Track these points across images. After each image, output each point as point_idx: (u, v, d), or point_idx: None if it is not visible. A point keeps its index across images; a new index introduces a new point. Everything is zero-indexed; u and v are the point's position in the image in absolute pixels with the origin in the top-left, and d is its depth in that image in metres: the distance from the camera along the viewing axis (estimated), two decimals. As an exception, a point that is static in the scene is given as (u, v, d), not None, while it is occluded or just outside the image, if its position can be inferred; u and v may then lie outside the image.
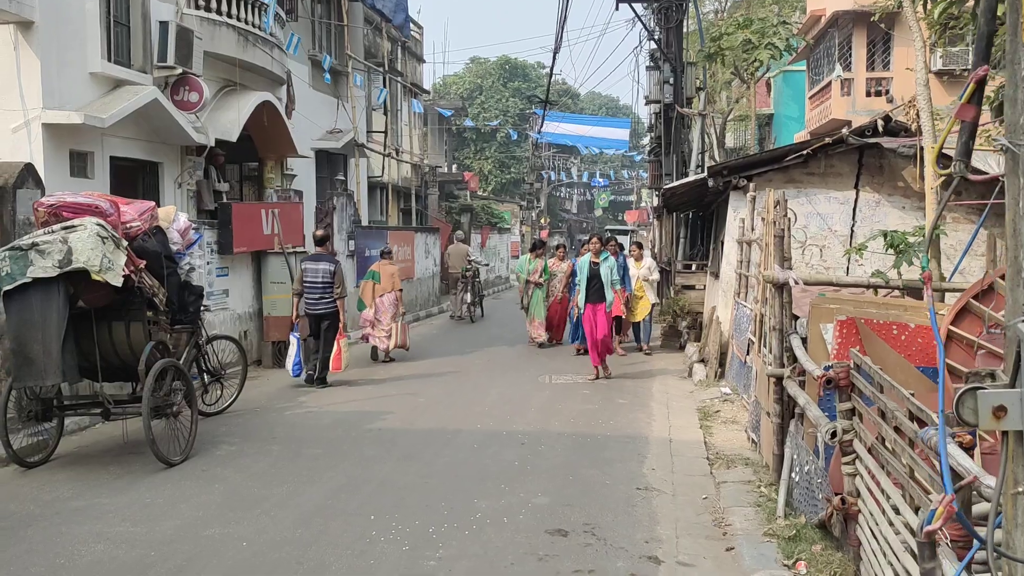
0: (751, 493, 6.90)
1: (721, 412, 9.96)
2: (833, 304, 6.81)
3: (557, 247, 17.85)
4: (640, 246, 16.29)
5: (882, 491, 4.59)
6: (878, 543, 4.66)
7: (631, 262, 15.34)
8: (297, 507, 6.71)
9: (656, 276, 15.76)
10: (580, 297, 12.76)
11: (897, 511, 4.42)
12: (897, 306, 6.88)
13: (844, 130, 12.51)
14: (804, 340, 6.87)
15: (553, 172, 54.93)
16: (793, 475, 6.52)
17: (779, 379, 6.98)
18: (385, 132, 24.80)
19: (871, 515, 4.78)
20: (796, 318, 7.31)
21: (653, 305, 15.40)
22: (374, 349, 14.41)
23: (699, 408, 10.20)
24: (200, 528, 6.26)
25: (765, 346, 8.41)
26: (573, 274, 15.18)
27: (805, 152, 11.86)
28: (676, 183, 15.87)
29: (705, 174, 14.16)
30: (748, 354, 9.94)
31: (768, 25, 18.17)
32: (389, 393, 11.39)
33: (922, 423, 4.05)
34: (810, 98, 27.83)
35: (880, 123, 10.76)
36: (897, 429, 4.30)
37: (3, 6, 9.92)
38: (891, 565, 4.38)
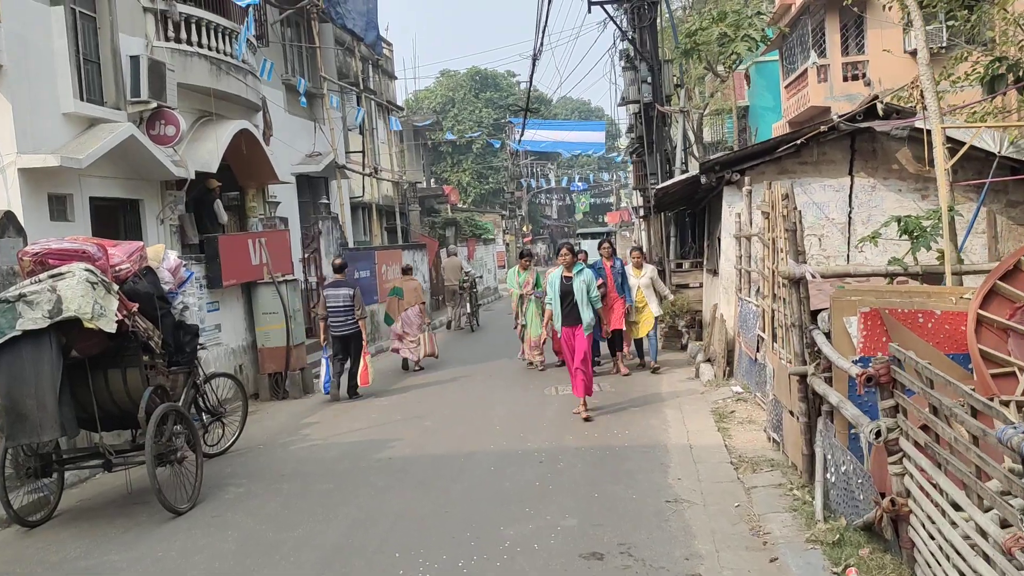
0: (784, 497, 6.69)
1: (736, 412, 9.76)
2: (855, 296, 6.62)
3: (521, 256, 15.75)
4: (641, 251, 14.39)
5: (940, 491, 4.38)
6: (938, 545, 4.45)
7: (630, 270, 13.49)
8: (316, 549, 6.44)
9: (665, 291, 13.97)
10: (555, 320, 10.54)
11: (957, 507, 4.22)
12: (920, 293, 6.70)
13: (834, 116, 12.38)
14: (827, 335, 6.68)
15: (532, 179, 54.81)
16: (828, 476, 6.31)
17: (802, 377, 6.78)
18: (363, 152, 24.56)
19: (928, 517, 4.58)
20: (814, 313, 7.13)
21: (657, 318, 13.48)
22: (405, 360, 15.30)
23: (713, 410, 9.99)
24: (218, 580, 5.98)
25: (778, 342, 8.23)
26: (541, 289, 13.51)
27: (798, 142, 11.71)
28: (668, 182, 15.68)
29: (692, 171, 14.02)
30: (759, 351, 9.75)
31: (743, 17, 18.08)
32: (394, 418, 11.11)
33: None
34: (786, 87, 27.80)
35: (880, 106, 10.60)
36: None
37: (-31, 51, 9.62)
38: (957, 569, 4.17)
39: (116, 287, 7.52)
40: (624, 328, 13.24)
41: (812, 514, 6.10)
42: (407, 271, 16.38)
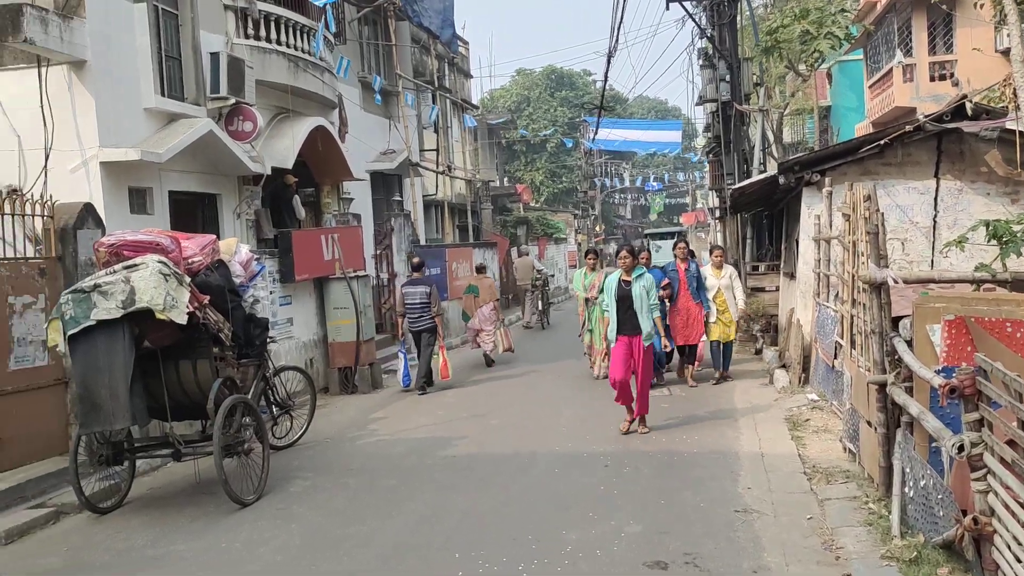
0: (859, 511, 6.41)
1: (811, 421, 9.44)
2: (939, 303, 6.30)
3: (587, 254, 14.83)
4: (723, 251, 13.37)
5: (1029, 513, 4.12)
6: (1025, 569, 4.18)
7: (709, 271, 12.54)
8: (378, 545, 6.41)
9: (741, 295, 12.78)
10: (610, 328, 9.64)
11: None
12: (1009, 301, 6.34)
13: (920, 116, 11.90)
14: (908, 343, 6.38)
15: (606, 179, 54.43)
16: (906, 490, 6.02)
17: (881, 386, 6.50)
18: (437, 150, 24.66)
19: (1014, 538, 4.30)
20: (895, 320, 6.82)
21: (736, 322, 12.65)
22: (486, 354, 15.69)
23: (787, 417, 9.68)
24: (281, 574, 5.99)
25: (857, 349, 7.93)
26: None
27: (881, 142, 11.29)
28: (744, 182, 15.33)
29: (770, 172, 13.66)
30: (836, 358, 9.42)
31: (827, 15, 17.62)
32: (460, 415, 11.08)
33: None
34: (870, 87, 26.96)
35: (968, 106, 10.14)
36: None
37: (55, 47, 9.89)
38: (1047, 596, 3.91)
39: (188, 279, 7.62)
40: (700, 343, 12.31)
41: (888, 529, 5.83)
42: (481, 269, 17.12)
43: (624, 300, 9.48)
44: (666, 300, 11.81)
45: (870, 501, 6.52)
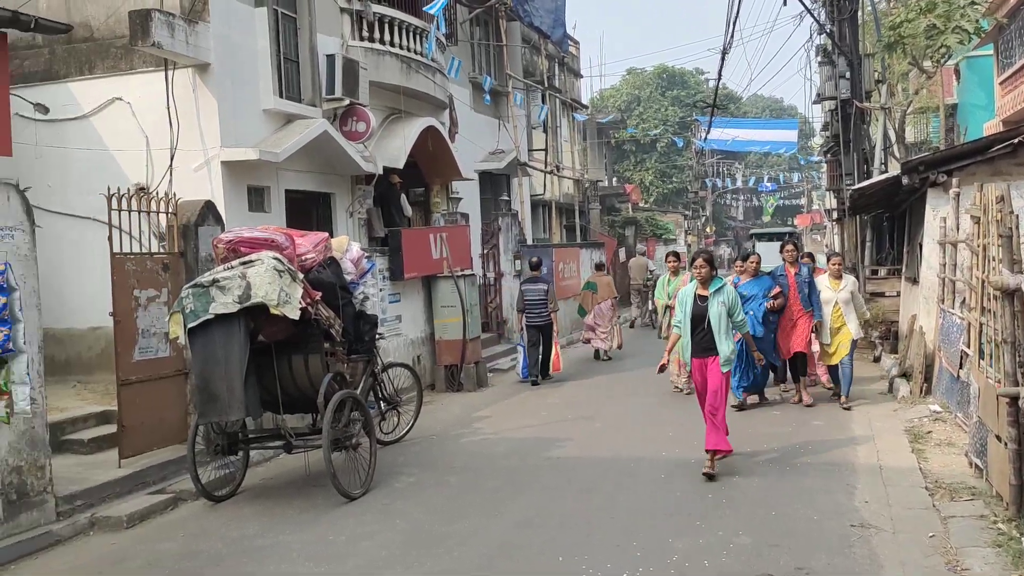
0: (987, 530, 6.04)
1: (933, 433, 8.97)
2: (1080, 312, 5.89)
3: (667, 256, 13.62)
4: (842, 259, 11.93)
5: None
6: None
7: (826, 280, 10.98)
8: (480, 545, 6.40)
9: (864, 308, 11.43)
10: (683, 348, 8.23)
11: None
12: None
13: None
14: (1045, 355, 5.99)
15: (718, 179, 53.40)
16: (1041, 511, 5.66)
17: (1013, 399, 6.11)
18: (546, 149, 24.65)
19: None
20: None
21: (855, 341, 10.91)
22: (597, 351, 16.24)
23: (907, 429, 9.23)
24: (383, 569, 6.05)
25: (985, 359, 7.49)
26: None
27: (1014, 141, 10.66)
28: (865, 183, 14.75)
29: (892, 172, 13.10)
30: (962, 368, 8.93)
31: (955, 7, 16.74)
32: (565, 417, 11.01)
33: None
34: (1000, 83, 25.54)
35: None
36: None
37: (180, 50, 10.28)
38: None
39: (301, 276, 7.79)
40: (809, 350, 11.04)
41: (1020, 552, 5.47)
42: (600, 267, 18.16)
43: (699, 319, 8.01)
44: (773, 312, 10.74)
45: (999, 521, 6.14)
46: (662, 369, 8.57)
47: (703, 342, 7.99)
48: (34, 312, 7.10)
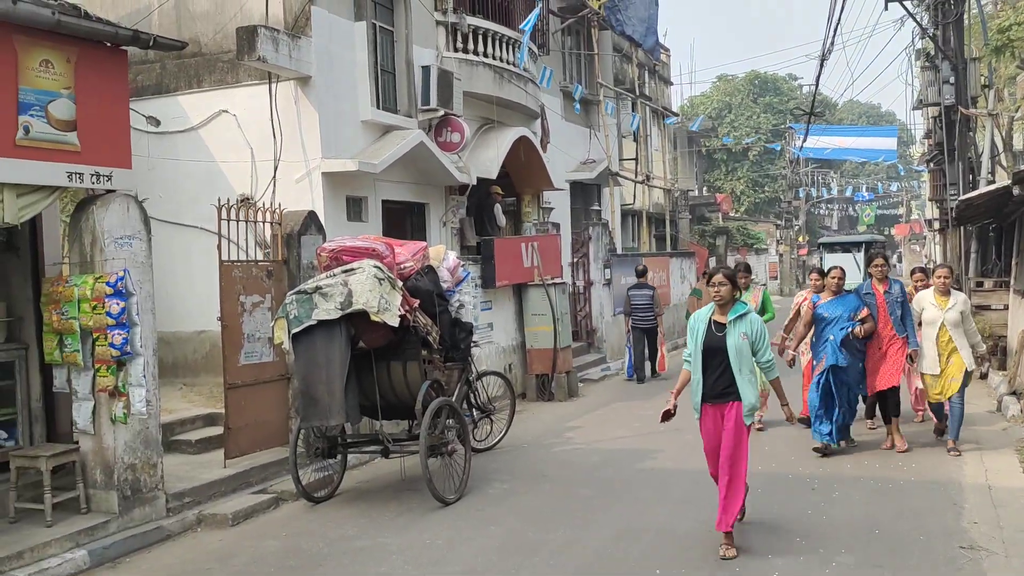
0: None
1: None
2: None
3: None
4: (951, 271, 9.69)
5: None
6: None
7: (930, 297, 9.04)
8: (576, 555, 6.42)
9: (977, 336, 9.26)
10: (694, 391, 6.49)
11: None
12: None
13: None
14: None
15: (812, 188, 52.22)
16: None
17: None
18: (636, 159, 24.53)
19: None
20: None
21: (968, 373, 8.92)
22: None
23: (1018, 448, 8.86)
24: (482, 575, 6.11)
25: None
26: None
27: None
28: (972, 193, 14.23)
29: (1001, 182, 12.62)
30: (1078, 386, 8.56)
31: (1068, 8, 16.07)
32: (656, 428, 10.79)
33: None
34: (1118, 87, 24.38)
35: None
36: None
37: (284, 64, 10.60)
38: None
39: (400, 283, 7.96)
40: (910, 384, 9.84)
41: None
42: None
43: (714, 352, 6.37)
44: (859, 337, 8.94)
45: None
46: (667, 417, 6.60)
47: (719, 383, 6.32)
48: (149, 317, 7.43)
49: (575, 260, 17.50)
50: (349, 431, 8.79)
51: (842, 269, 9.49)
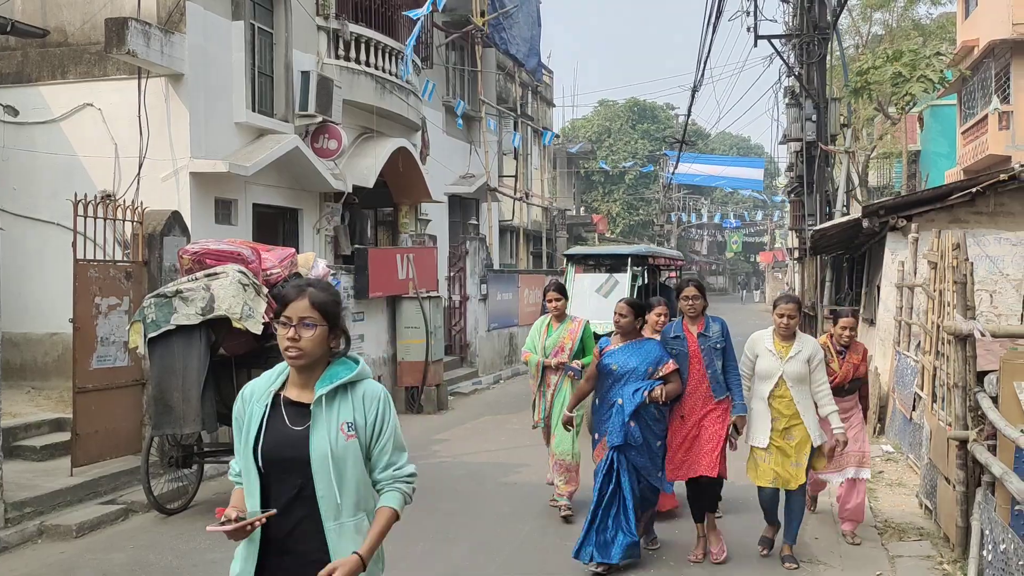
0: (932, 571, 6.16)
1: (885, 473, 9.12)
2: (1028, 359, 6.04)
3: (547, 292, 7.99)
4: (799, 305, 6.59)
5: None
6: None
7: (767, 342, 6.36)
8: (434, 569, 6.40)
9: (831, 407, 6.33)
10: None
11: None
12: (1105, 362, 6.04)
13: (1015, 166, 11.52)
14: (994, 399, 6.13)
15: (684, 213, 54.03)
16: (984, 553, 5.75)
17: (963, 442, 6.25)
18: (515, 176, 24.81)
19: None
20: (980, 374, 6.56)
21: (815, 449, 6.30)
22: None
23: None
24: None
25: (938, 402, 7.65)
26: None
27: (973, 190, 10.96)
28: (827, 224, 15.04)
29: (854, 214, 13.38)
30: (915, 410, 9.11)
31: (921, 57, 17.23)
32: (523, 443, 11.02)
33: None
34: (962, 133, 26.26)
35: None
36: None
37: (155, 59, 10.25)
38: None
39: (266, 290, 7.77)
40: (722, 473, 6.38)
41: (963, 594, 5.56)
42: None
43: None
44: (659, 402, 6.12)
45: (945, 562, 6.26)
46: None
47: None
48: (-8, 315, 7.02)
49: (452, 274, 17.53)
50: (207, 440, 8.50)
51: (663, 301, 6.99)
